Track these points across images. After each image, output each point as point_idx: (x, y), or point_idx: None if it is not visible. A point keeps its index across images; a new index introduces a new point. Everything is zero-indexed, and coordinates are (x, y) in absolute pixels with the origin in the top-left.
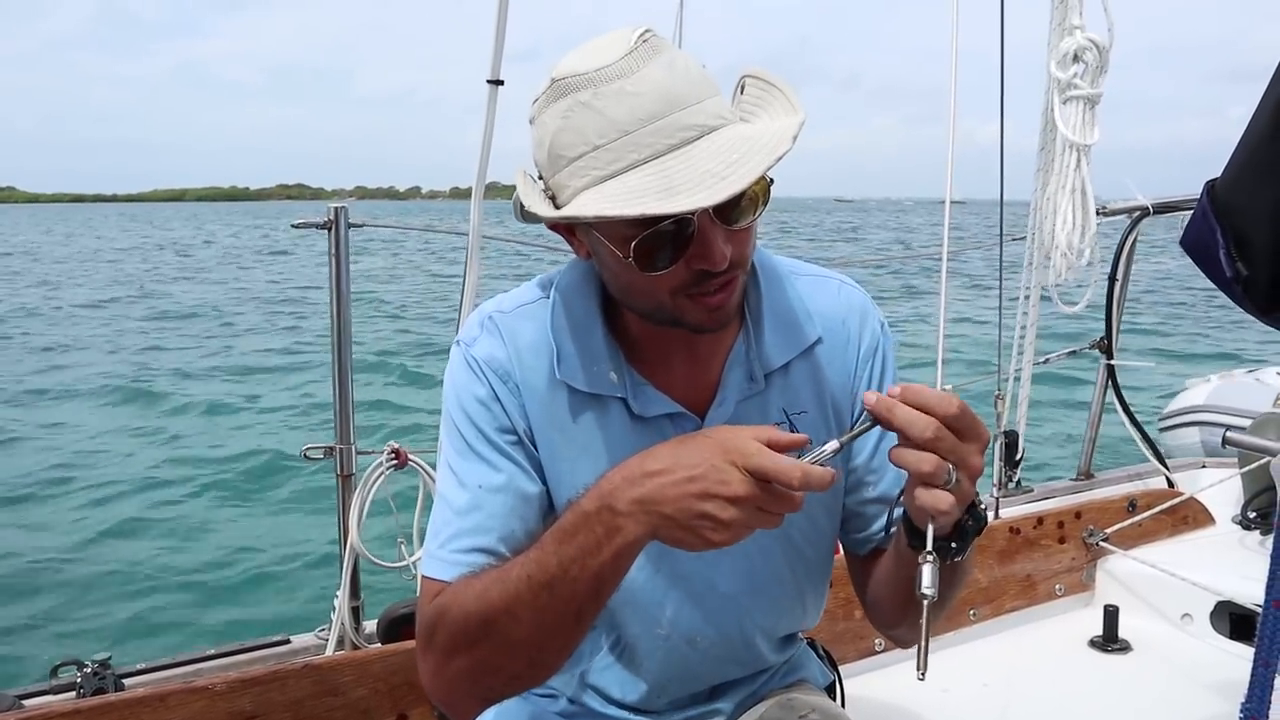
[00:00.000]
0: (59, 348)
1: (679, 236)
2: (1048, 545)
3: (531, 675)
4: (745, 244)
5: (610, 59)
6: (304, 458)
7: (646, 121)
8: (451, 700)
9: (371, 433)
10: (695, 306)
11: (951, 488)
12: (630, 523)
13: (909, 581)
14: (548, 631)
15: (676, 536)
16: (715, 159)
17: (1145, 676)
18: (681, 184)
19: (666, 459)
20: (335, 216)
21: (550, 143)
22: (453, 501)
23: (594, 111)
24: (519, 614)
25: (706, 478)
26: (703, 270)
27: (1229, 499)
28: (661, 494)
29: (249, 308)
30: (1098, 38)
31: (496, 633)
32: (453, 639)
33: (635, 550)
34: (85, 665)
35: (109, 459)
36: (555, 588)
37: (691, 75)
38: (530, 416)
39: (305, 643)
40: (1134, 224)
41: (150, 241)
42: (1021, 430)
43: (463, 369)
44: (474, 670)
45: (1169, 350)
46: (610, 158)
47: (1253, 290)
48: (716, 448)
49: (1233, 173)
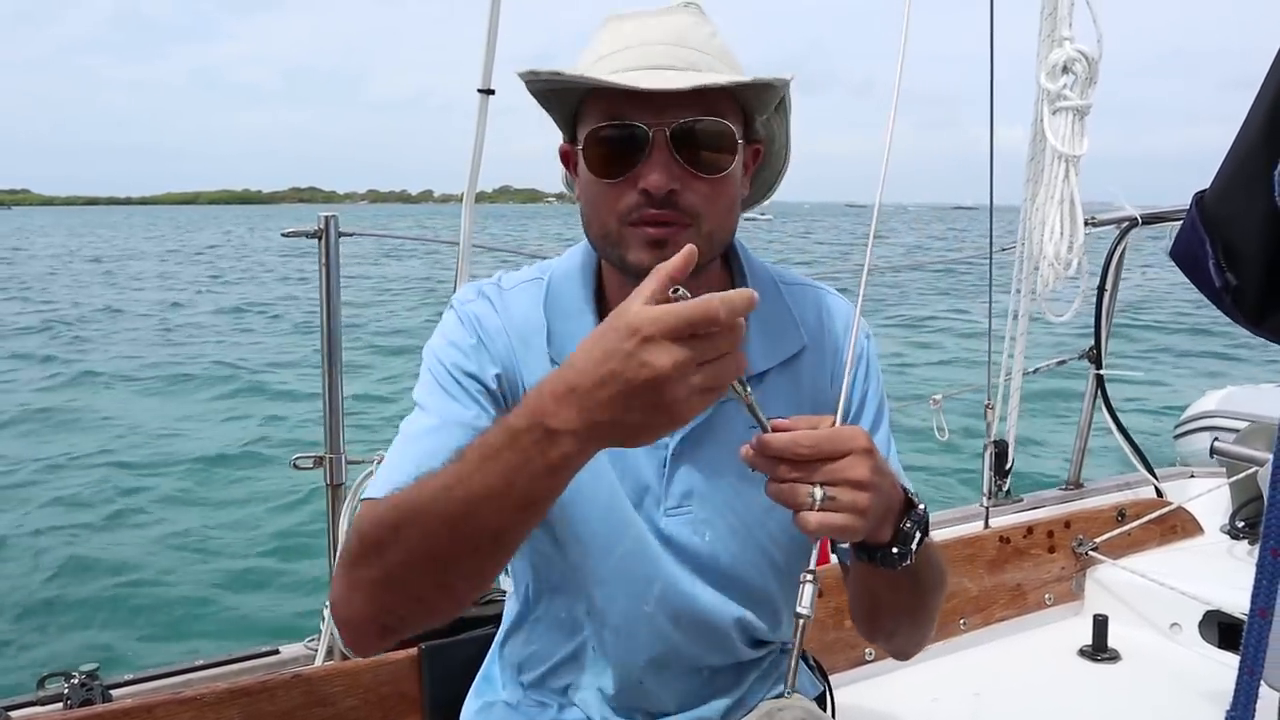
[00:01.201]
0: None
1: (631, 147)
2: (1037, 554)
3: (435, 601)
4: (704, 197)
5: (653, 7)
6: (293, 467)
7: (649, 44)
8: (351, 620)
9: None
10: (636, 236)
11: (822, 506)
12: (568, 439)
13: (871, 593)
14: (461, 549)
15: (626, 438)
16: (678, 73)
17: (1134, 685)
18: (633, 76)
19: (581, 362)
20: (325, 225)
21: (583, 59)
22: (410, 431)
23: (616, 32)
24: (430, 526)
25: (623, 372)
26: (646, 193)
27: (1218, 508)
28: (592, 401)
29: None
30: (1087, 49)
31: (402, 541)
32: (361, 547)
33: (575, 468)
34: (73, 676)
35: (106, 460)
36: (475, 505)
37: (714, 42)
38: (507, 383)
39: (294, 653)
40: (1122, 234)
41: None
42: (1011, 439)
43: (453, 322)
44: (374, 581)
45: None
46: (605, 65)
47: (1242, 301)
48: (620, 333)
49: (1221, 184)
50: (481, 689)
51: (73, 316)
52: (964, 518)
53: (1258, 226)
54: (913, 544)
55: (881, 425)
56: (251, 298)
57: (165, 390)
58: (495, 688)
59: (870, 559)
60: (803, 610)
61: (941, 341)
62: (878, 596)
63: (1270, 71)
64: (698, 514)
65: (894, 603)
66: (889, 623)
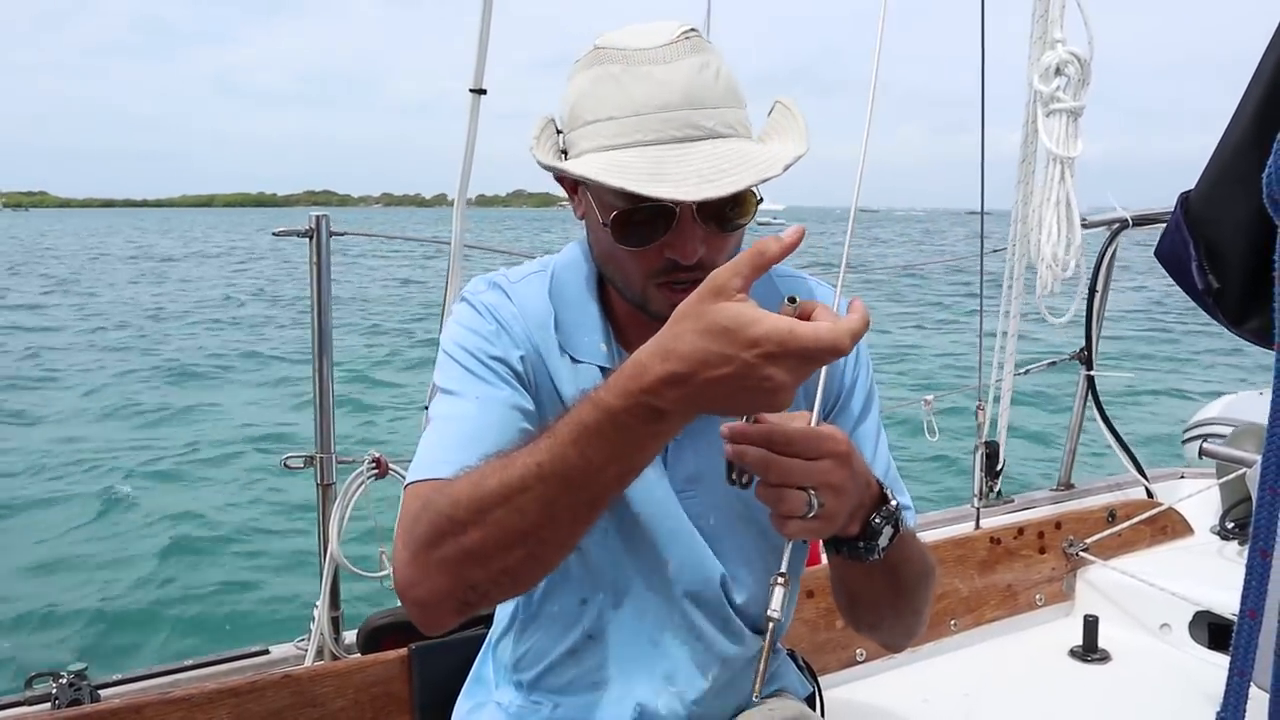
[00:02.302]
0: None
1: (658, 222)
2: (1028, 555)
3: (525, 572)
4: (723, 251)
5: (651, 44)
6: (284, 467)
7: (661, 110)
8: (426, 598)
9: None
10: (661, 296)
11: (816, 512)
12: (675, 417)
13: (846, 584)
14: (556, 523)
15: (727, 414)
16: (708, 162)
17: (1124, 686)
18: (669, 174)
19: (690, 354)
20: (316, 225)
21: (574, 102)
22: (447, 413)
23: (619, 86)
24: (522, 504)
25: (745, 378)
26: (673, 261)
27: (1208, 509)
28: (704, 394)
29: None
30: (1079, 51)
31: (492, 520)
32: (436, 526)
33: (674, 435)
34: (61, 676)
35: (100, 461)
36: (573, 479)
37: (720, 84)
38: (531, 365)
39: (284, 653)
40: (1113, 236)
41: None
42: (1002, 441)
43: (468, 312)
44: (459, 559)
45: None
46: (618, 130)
47: (1224, 302)
48: (738, 342)
49: (1206, 186)
50: (473, 690)
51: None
52: (955, 519)
53: (1241, 229)
54: (881, 539)
55: (870, 413)
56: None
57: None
58: (488, 688)
59: (839, 551)
60: (773, 613)
61: (940, 343)
62: (854, 588)
63: (1255, 74)
64: (703, 498)
65: (871, 594)
66: (869, 614)
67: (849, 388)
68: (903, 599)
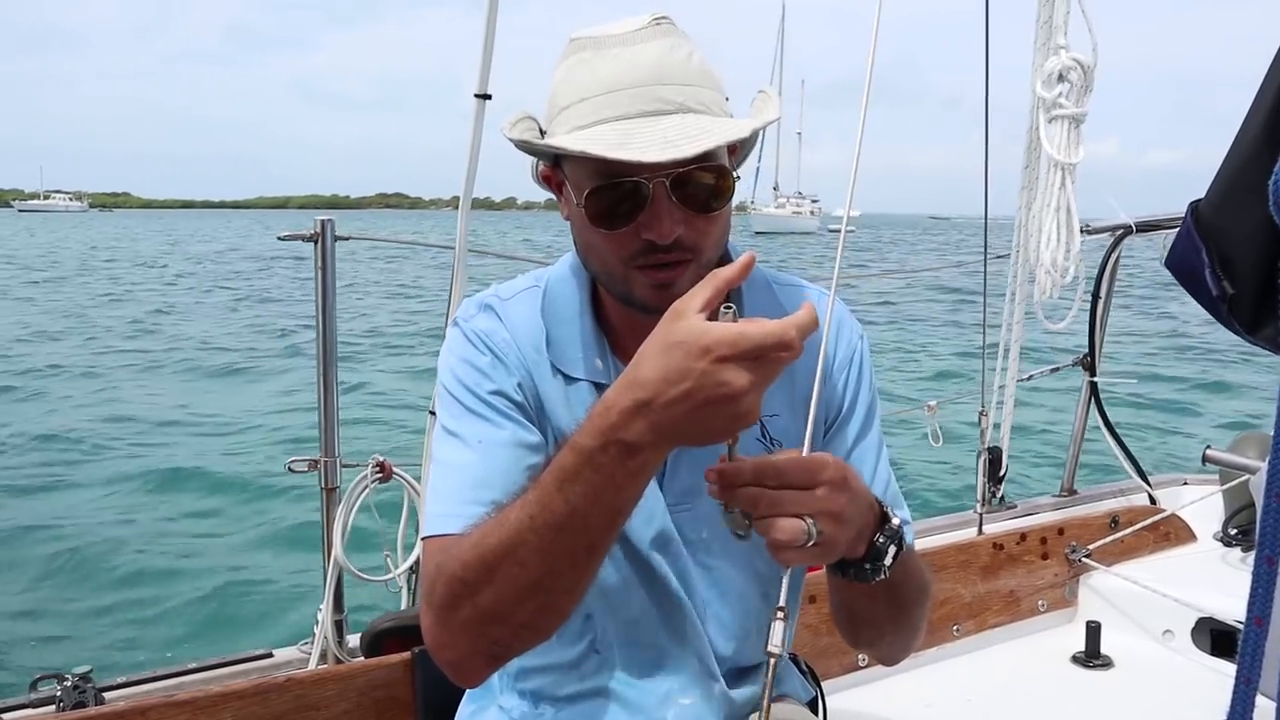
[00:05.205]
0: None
1: (632, 200)
2: (1031, 561)
3: (541, 622)
4: (703, 233)
5: (621, 31)
6: (288, 470)
7: (631, 86)
8: (457, 659)
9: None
10: (642, 279)
11: (815, 539)
12: (645, 449)
13: (848, 605)
14: (557, 571)
15: (700, 440)
16: (676, 130)
17: (1127, 693)
18: (635, 143)
19: (649, 377)
20: (321, 229)
21: (552, 92)
22: (452, 460)
23: (589, 69)
24: (523, 557)
25: (700, 390)
26: (650, 241)
27: (1211, 516)
28: (669, 416)
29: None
30: (1082, 57)
31: (499, 578)
32: (450, 590)
33: (655, 467)
34: (65, 678)
35: (99, 463)
36: (564, 527)
37: (691, 64)
38: (528, 391)
39: (288, 656)
40: (1116, 242)
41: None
42: (1005, 446)
43: (461, 342)
44: (478, 621)
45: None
46: (590, 109)
47: (1238, 309)
48: (691, 353)
49: (1217, 194)
50: (476, 695)
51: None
52: (958, 524)
53: (1254, 235)
54: (886, 559)
55: (872, 428)
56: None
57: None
58: (491, 694)
59: (844, 574)
60: (774, 649)
61: (941, 347)
62: (855, 608)
63: (1265, 80)
64: (698, 510)
65: (872, 614)
66: (869, 633)
67: (848, 402)
68: (903, 615)
